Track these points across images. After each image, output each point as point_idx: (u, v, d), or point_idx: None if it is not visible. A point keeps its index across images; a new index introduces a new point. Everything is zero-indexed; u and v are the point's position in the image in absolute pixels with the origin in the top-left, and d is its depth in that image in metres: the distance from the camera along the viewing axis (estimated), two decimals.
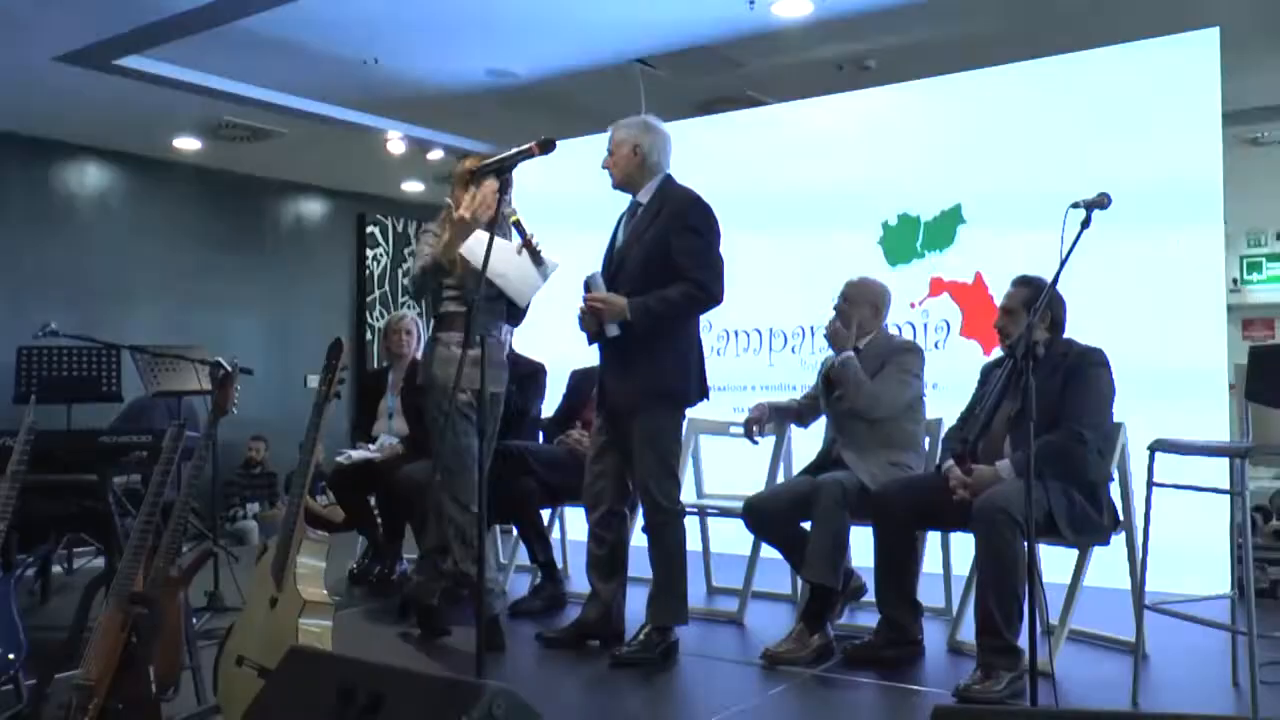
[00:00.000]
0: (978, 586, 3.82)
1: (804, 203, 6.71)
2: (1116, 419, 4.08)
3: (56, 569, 6.06)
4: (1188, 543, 4.60)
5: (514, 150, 3.55)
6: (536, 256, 4.47)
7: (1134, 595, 3.92)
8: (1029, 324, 3.41)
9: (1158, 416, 4.37)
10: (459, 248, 4.39)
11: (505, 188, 3.88)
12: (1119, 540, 4.10)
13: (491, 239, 3.70)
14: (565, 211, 6.62)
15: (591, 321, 4.25)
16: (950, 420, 4.39)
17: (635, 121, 4.38)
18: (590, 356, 4.55)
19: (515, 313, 4.67)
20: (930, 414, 4.71)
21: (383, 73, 7.09)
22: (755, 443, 4.82)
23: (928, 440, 4.69)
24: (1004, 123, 6.10)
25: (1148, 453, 3.70)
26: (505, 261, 4.38)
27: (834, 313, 4.70)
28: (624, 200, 4.42)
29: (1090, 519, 3.92)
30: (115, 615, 3.08)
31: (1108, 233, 3.56)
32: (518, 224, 4.50)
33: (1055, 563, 4.13)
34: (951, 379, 5.52)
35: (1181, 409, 5.09)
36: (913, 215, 6.36)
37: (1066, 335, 4.10)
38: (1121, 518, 4.10)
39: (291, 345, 10.23)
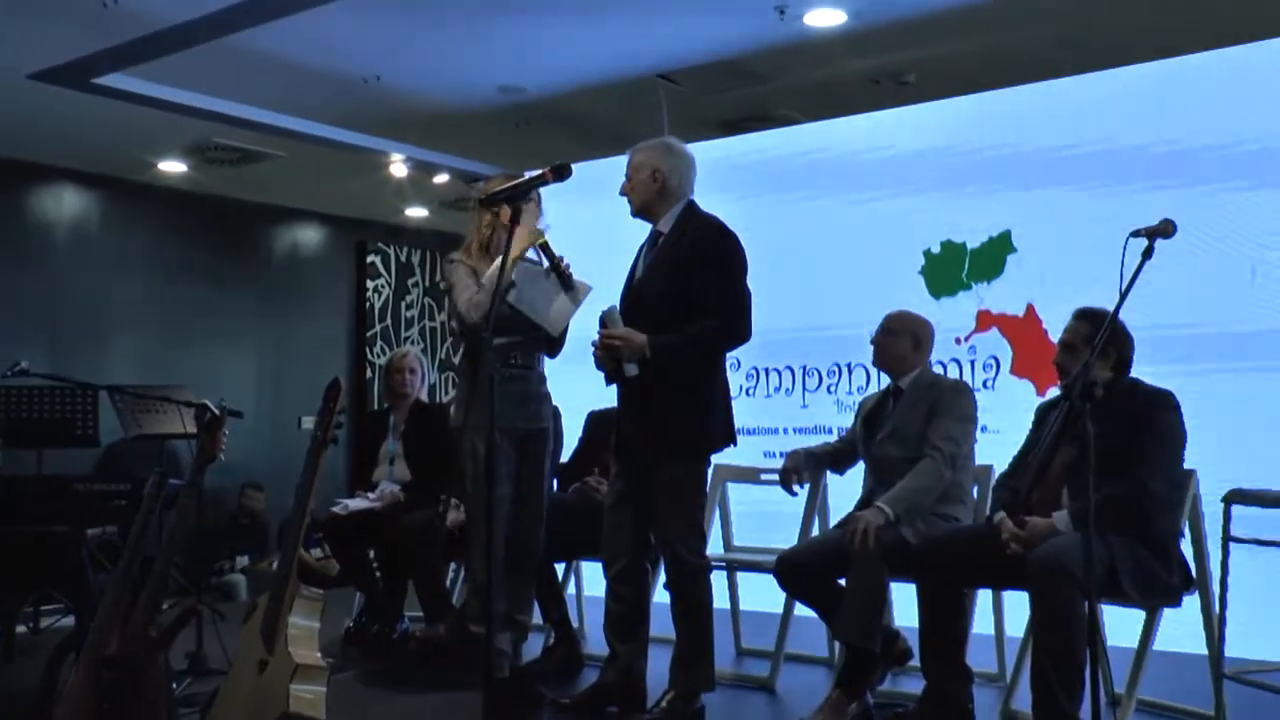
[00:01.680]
0: (1034, 650, 3.77)
1: (839, 229, 6.70)
2: (1187, 466, 4.04)
3: (21, 629, 6.02)
4: (1271, 604, 4.53)
5: (526, 178, 3.56)
6: (566, 280, 4.49)
7: (1211, 662, 3.88)
8: (1087, 362, 3.38)
9: (1233, 464, 4.32)
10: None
11: (517, 217, 3.90)
12: (1192, 601, 4.04)
13: (504, 266, 3.71)
14: (581, 241, 6.62)
15: (608, 360, 4.23)
16: (1001, 467, 4.36)
17: (655, 144, 4.39)
18: (608, 398, 4.54)
19: (553, 344, 4.76)
20: (979, 460, 4.68)
21: (384, 90, 7.12)
22: (794, 494, 4.80)
23: (976, 489, 4.66)
24: (1057, 141, 6.08)
25: (1223, 504, 3.65)
26: (533, 288, 4.40)
27: (871, 347, 4.69)
28: (644, 229, 4.42)
29: (1158, 577, 3.87)
30: (87, 680, 3.06)
31: (1174, 263, 3.54)
32: (545, 246, 4.53)
33: (1121, 625, 4.09)
34: (1002, 422, 5.50)
35: (1260, 455, 5.03)
36: (958, 242, 6.34)
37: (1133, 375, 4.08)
38: (1195, 576, 4.04)
39: (285, 385, 10.24)
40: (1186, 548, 4.06)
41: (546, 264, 4.54)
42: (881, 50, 6.54)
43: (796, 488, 4.79)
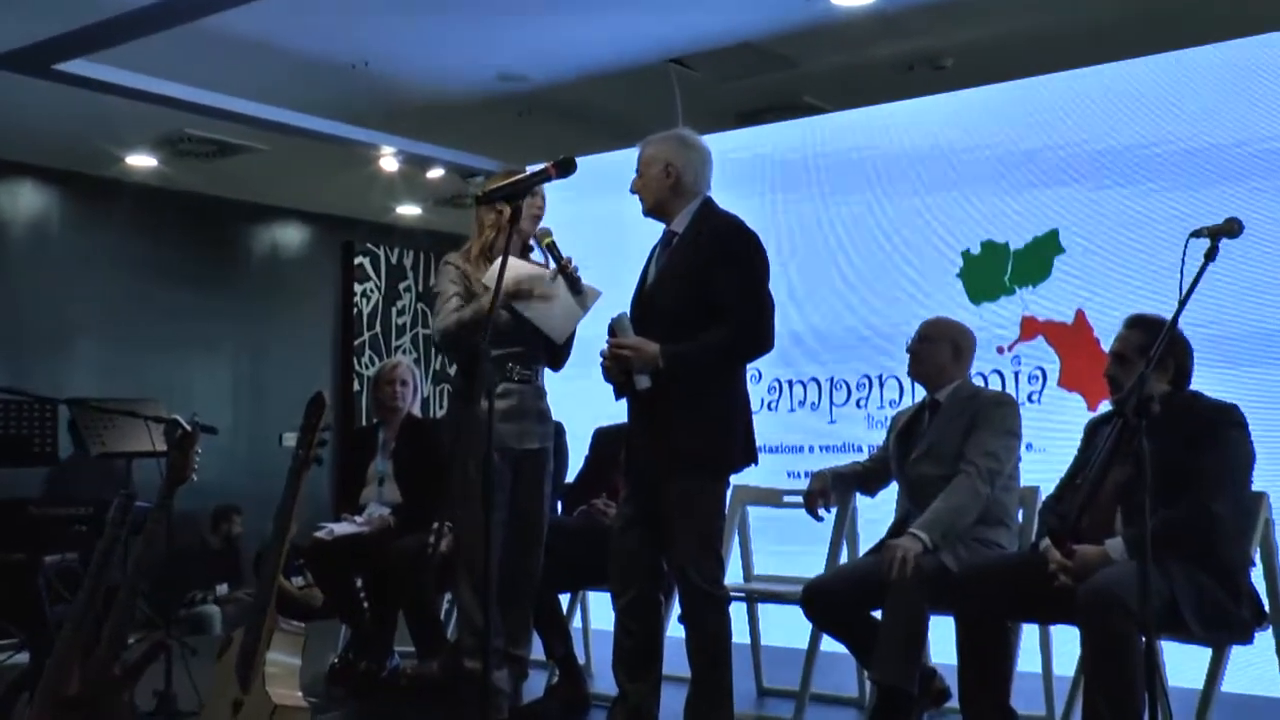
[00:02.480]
0: (1085, 691, 3.74)
1: (869, 230, 6.69)
2: (1257, 487, 4.01)
3: None
4: None
5: (528, 173, 3.56)
6: (574, 284, 4.48)
7: None
8: (1142, 374, 3.35)
9: None
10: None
11: (517, 216, 3.88)
12: (1265, 638, 4.01)
13: (504, 265, 3.70)
14: (587, 242, 6.61)
15: (618, 372, 4.22)
16: (1047, 489, 4.34)
17: (668, 136, 4.38)
18: (617, 413, 4.53)
19: (556, 353, 4.73)
20: (1024, 481, 4.66)
21: (373, 78, 7.13)
22: (820, 519, 4.80)
23: (1021, 513, 4.64)
24: (1111, 132, 6.05)
25: None
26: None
27: (905, 356, 4.68)
28: (656, 229, 4.41)
29: (1225, 611, 3.84)
30: None
31: (1238, 264, 3.51)
32: (551, 246, 4.53)
33: (1184, 664, 4.05)
34: (1049, 439, 5.48)
35: None
36: (1000, 243, 6.32)
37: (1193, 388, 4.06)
38: (1268, 610, 4.01)
39: (264, 399, 10.25)
40: (1258, 579, 4.04)
41: (553, 265, 4.53)
42: (916, 32, 6.53)
43: (823, 511, 4.78)
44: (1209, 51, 5.81)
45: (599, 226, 6.62)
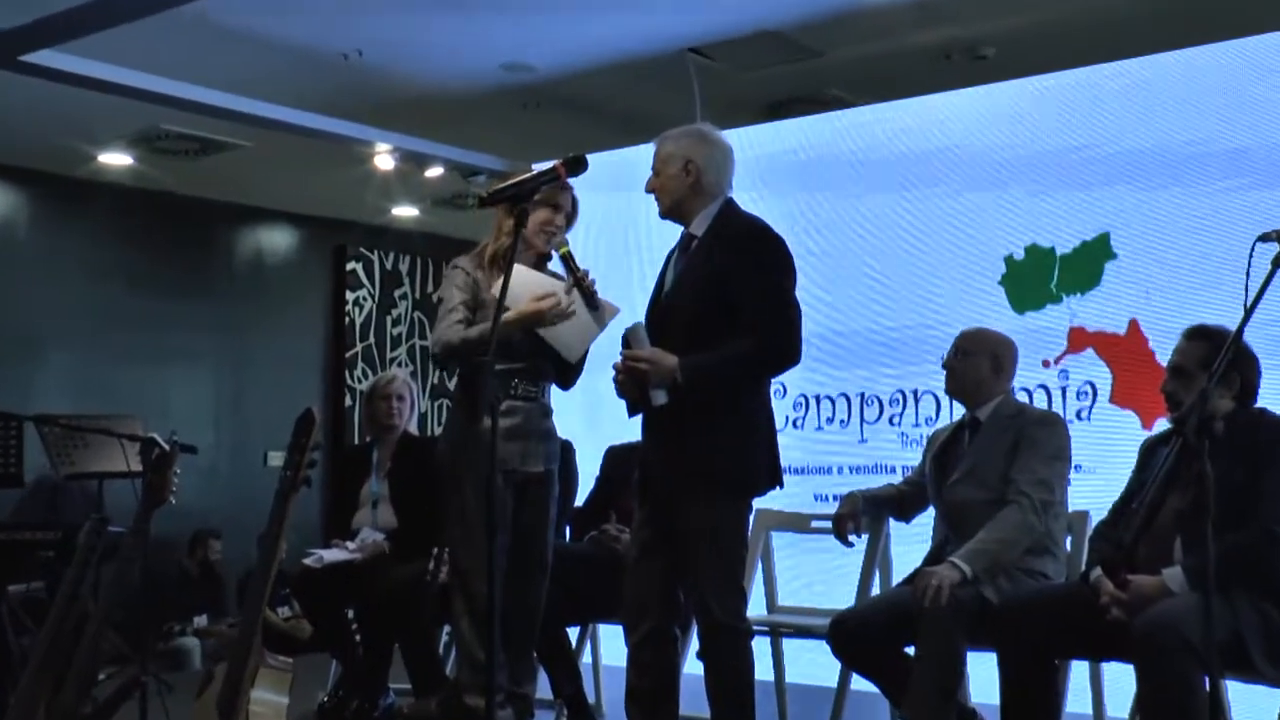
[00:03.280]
0: None
1: (903, 232, 6.67)
2: None
3: None
4: None
5: (534, 172, 3.57)
6: (590, 298, 4.48)
7: None
8: (1204, 390, 3.34)
9: None
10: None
11: (523, 219, 3.88)
12: None
13: (508, 276, 3.70)
14: (598, 247, 6.62)
15: (632, 386, 4.21)
16: (1099, 514, 4.33)
17: (687, 131, 4.39)
18: (631, 430, 4.52)
19: (567, 372, 4.73)
20: (1072, 505, 4.65)
21: (367, 69, 7.14)
22: (850, 545, 4.79)
23: (1069, 540, 4.63)
24: (1167, 128, 6.03)
25: None
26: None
27: (943, 370, 4.67)
28: (674, 232, 4.41)
29: None
30: None
31: None
32: (567, 257, 4.55)
33: (1251, 704, 4.03)
34: (1100, 460, 5.46)
35: None
36: (1045, 247, 6.30)
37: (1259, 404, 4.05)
38: None
39: (248, 415, 10.27)
40: None
41: (568, 277, 4.53)
42: (955, 18, 6.53)
43: (853, 538, 4.78)
44: (1277, 39, 5.79)
45: (611, 229, 6.63)
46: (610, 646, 5.79)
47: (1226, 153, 5.84)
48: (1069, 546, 4.62)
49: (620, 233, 6.78)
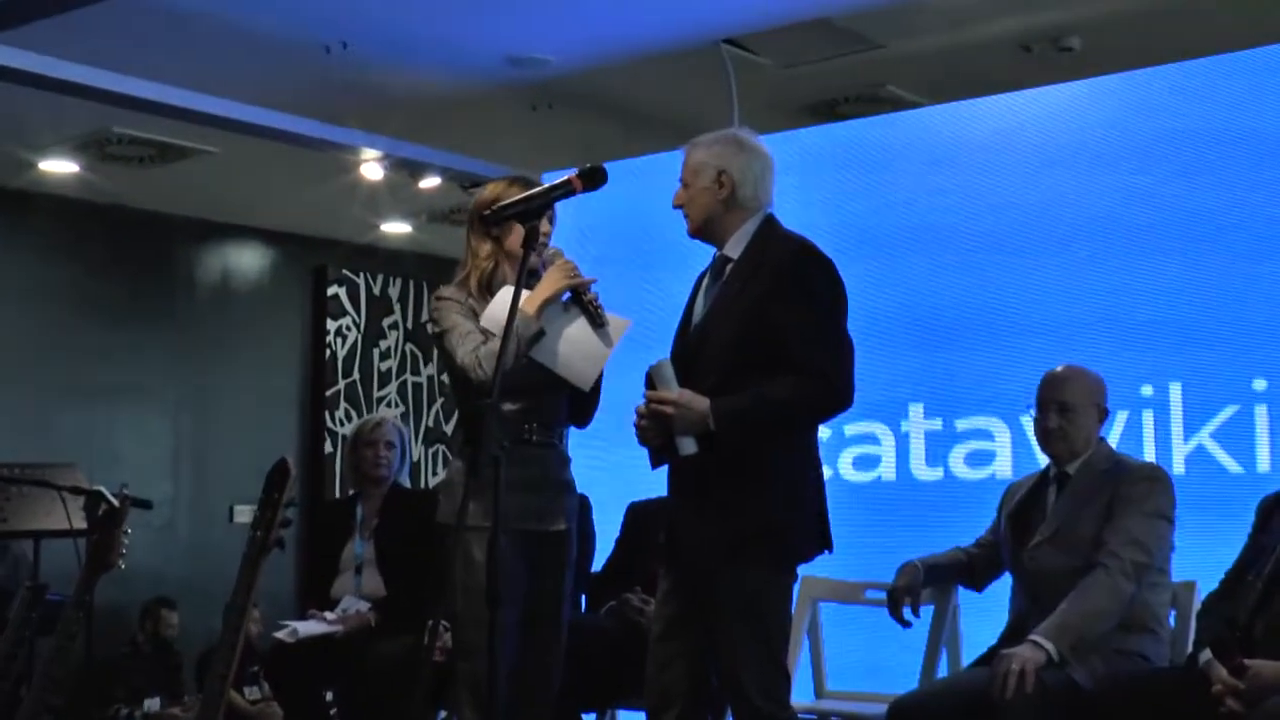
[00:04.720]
0: None
1: (973, 249, 6.64)
2: None
3: None
4: None
5: (544, 186, 3.56)
6: (595, 316, 4.46)
7: None
8: None
9: None
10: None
11: (533, 240, 3.87)
12: None
13: (516, 299, 3.70)
14: (616, 269, 6.61)
15: (656, 433, 4.20)
16: (1208, 586, 4.31)
17: (721, 138, 4.39)
18: (656, 484, 4.50)
19: (583, 403, 4.70)
20: (1177, 574, 4.62)
21: (353, 64, 7.16)
22: (908, 626, 4.79)
23: (1174, 616, 4.61)
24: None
25: None
26: (549, 327, 4.40)
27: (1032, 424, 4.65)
28: (705, 252, 4.40)
29: None
30: None
31: None
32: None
33: None
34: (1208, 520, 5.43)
35: None
36: None
37: None
38: None
39: (211, 464, 10.28)
40: None
41: (568, 294, 4.51)
42: (1034, 5, 6.52)
43: (911, 616, 4.77)
44: None
45: (633, 248, 6.61)
46: None
47: None
48: (1173, 623, 4.60)
49: (641, 253, 6.76)
